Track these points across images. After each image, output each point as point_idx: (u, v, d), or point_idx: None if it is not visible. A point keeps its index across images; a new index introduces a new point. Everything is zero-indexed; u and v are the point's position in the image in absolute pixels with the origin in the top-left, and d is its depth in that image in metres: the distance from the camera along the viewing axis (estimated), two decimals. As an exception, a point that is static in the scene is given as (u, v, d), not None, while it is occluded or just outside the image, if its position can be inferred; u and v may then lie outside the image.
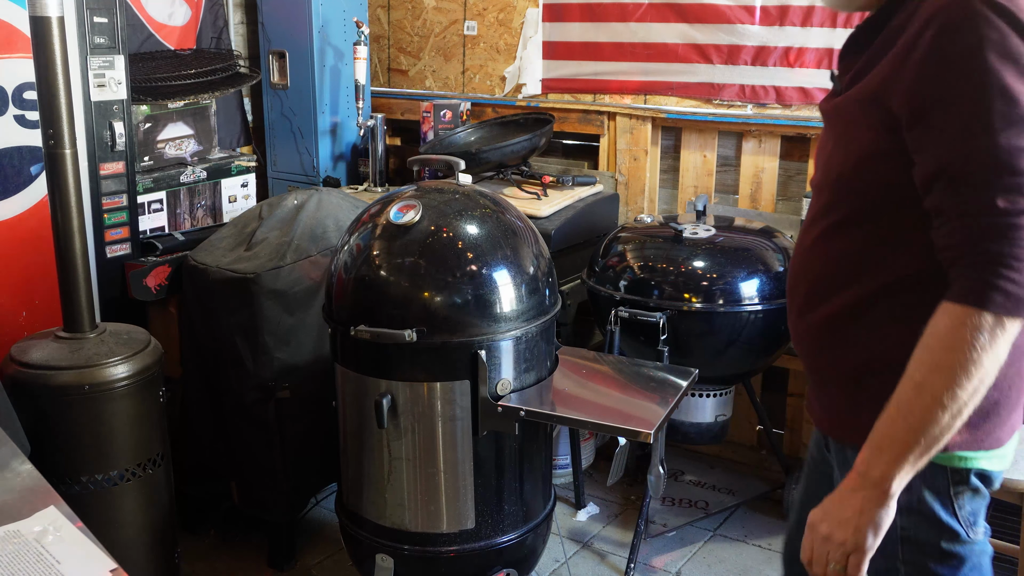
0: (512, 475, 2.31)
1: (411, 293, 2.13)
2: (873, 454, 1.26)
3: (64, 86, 2.19)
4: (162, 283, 2.85)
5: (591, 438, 3.45)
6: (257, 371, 2.68)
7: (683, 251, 2.82)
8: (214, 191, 3.37)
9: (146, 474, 2.34)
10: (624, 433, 2.15)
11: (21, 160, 2.72)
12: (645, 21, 3.51)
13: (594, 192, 3.41)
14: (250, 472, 2.82)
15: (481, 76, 4.00)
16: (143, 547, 2.38)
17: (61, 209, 2.24)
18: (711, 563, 2.94)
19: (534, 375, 2.28)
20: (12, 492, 1.47)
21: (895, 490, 1.25)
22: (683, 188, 3.57)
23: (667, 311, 2.73)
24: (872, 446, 1.26)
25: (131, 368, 2.27)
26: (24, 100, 2.69)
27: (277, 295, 2.64)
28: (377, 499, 2.30)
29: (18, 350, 2.28)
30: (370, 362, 2.22)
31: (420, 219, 2.16)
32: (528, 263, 2.24)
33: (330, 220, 2.82)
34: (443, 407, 2.19)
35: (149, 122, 3.15)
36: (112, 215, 2.84)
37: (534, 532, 2.38)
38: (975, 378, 1.18)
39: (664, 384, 2.34)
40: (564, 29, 3.73)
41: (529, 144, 3.36)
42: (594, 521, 3.18)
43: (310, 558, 2.94)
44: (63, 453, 2.22)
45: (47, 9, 2.13)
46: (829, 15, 3.19)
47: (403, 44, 4.21)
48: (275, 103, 4.00)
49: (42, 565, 1.27)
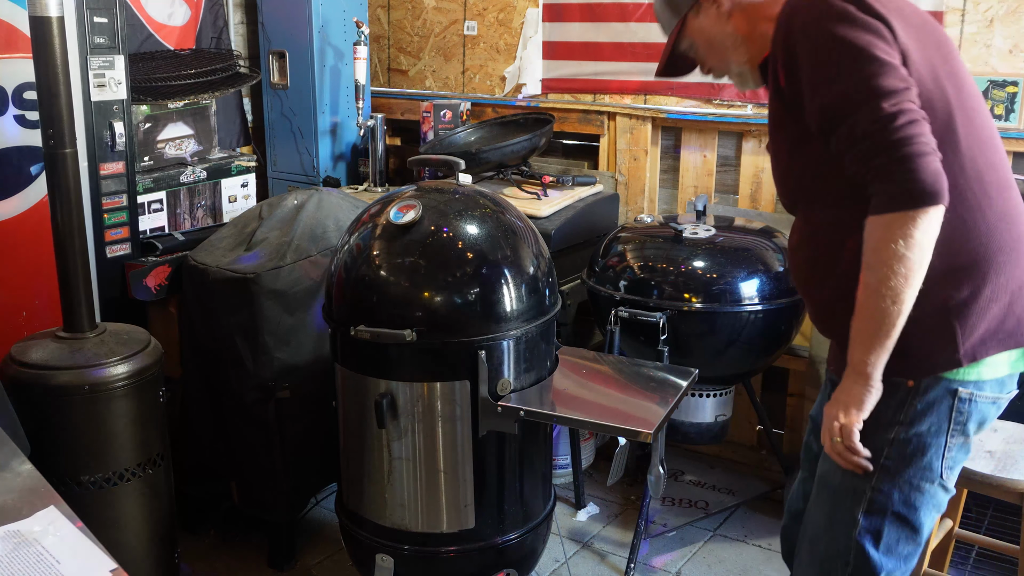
0: (512, 475, 2.31)
1: (411, 293, 2.13)
2: (853, 349, 1.57)
3: (64, 86, 2.19)
4: (162, 283, 2.85)
5: (591, 438, 3.45)
6: (257, 371, 2.67)
7: (683, 251, 2.82)
8: (214, 191, 3.37)
9: (146, 474, 2.33)
10: (624, 433, 2.15)
11: (21, 160, 2.72)
12: (645, 21, 3.51)
13: (594, 192, 3.41)
14: (250, 472, 2.82)
15: (481, 76, 4.00)
16: (143, 547, 2.38)
17: (61, 209, 2.24)
18: (711, 563, 2.94)
19: (534, 375, 2.28)
20: (12, 492, 1.47)
21: (873, 373, 1.56)
22: (683, 188, 3.57)
23: (667, 311, 2.73)
24: (852, 344, 1.57)
25: (131, 368, 2.27)
26: (24, 100, 2.69)
27: (277, 295, 2.64)
28: (377, 499, 2.30)
29: (18, 350, 2.28)
30: (370, 362, 2.21)
31: (420, 219, 2.16)
32: (528, 263, 2.24)
33: (330, 220, 2.82)
34: (443, 407, 2.19)
35: (149, 122, 3.15)
36: (112, 215, 2.84)
37: (534, 532, 2.38)
38: (904, 269, 1.46)
39: (664, 384, 2.34)
40: (564, 29, 3.73)
41: (529, 144, 3.36)
42: (594, 521, 3.18)
43: (310, 558, 2.94)
44: (63, 453, 2.21)
45: (47, 9, 2.13)
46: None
47: (403, 44, 4.21)
48: (275, 103, 4.00)
49: (42, 565, 1.27)
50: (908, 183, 1.43)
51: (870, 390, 1.58)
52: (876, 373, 1.56)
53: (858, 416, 1.59)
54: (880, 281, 1.48)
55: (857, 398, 1.59)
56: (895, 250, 1.45)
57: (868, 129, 1.45)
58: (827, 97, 1.50)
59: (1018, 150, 2.91)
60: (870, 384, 1.57)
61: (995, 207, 1.59)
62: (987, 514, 2.78)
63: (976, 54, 2.96)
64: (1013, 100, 2.89)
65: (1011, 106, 2.90)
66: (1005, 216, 1.60)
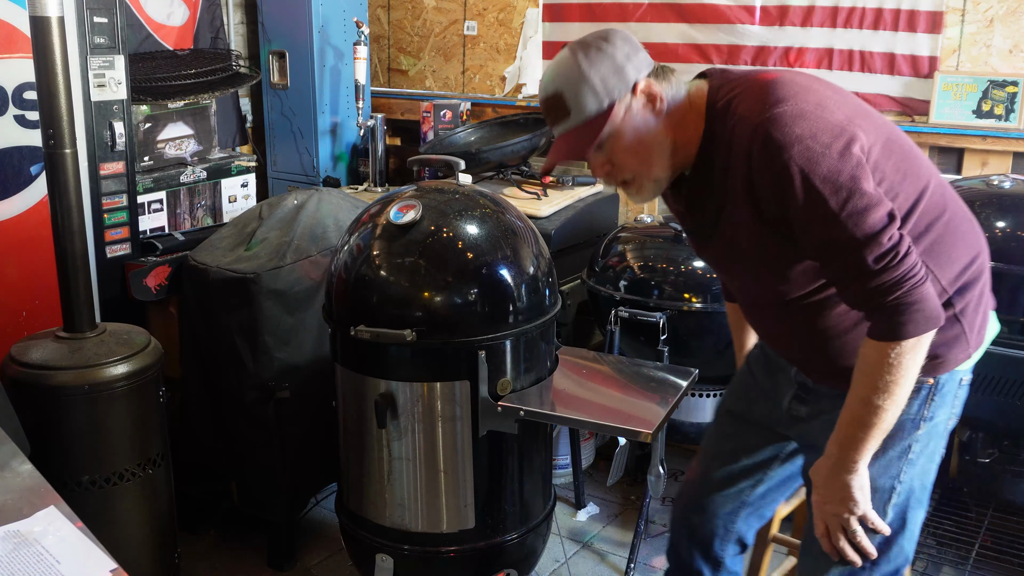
0: (512, 475, 2.31)
1: (411, 293, 2.13)
2: (843, 447, 1.59)
3: (64, 86, 2.19)
4: (162, 283, 2.84)
5: (591, 438, 3.45)
6: (257, 371, 2.67)
7: (683, 251, 2.82)
8: (214, 191, 3.37)
9: (146, 474, 2.33)
10: (624, 433, 2.15)
11: (21, 160, 2.72)
12: (645, 21, 3.51)
13: (594, 192, 3.41)
14: (250, 472, 2.82)
15: (481, 76, 4.00)
16: (143, 547, 2.38)
17: (61, 209, 2.24)
18: (711, 563, 2.94)
19: (534, 375, 2.28)
20: (12, 492, 1.47)
21: (864, 467, 1.60)
22: (683, 188, 3.57)
23: (667, 311, 2.73)
24: (843, 443, 1.59)
25: (131, 368, 2.27)
26: (24, 100, 2.69)
27: (277, 295, 2.64)
28: (377, 499, 2.30)
29: (18, 350, 2.28)
30: (370, 362, 2.21)
31: (420, 219, 2.15)
32: (528, 263, 2.24)
33: (330, 220, 2.82)
34: (443, 407, 2.19)
35: (149, 122, 3.15)
36: (112, 215, 2.84)
37: (534, 532, 2.38)
38: (906, 384, 1.52)
39: (664, 384, 2.34)
40: (564, 29, 3.73)
41: (529, 144, 3.36)
42: (594, 521, 3.18)
43: (310, 558, 2.94)
44: (63, 453, 2.21)
45: (47, 9, 2.13)
46: (829, 15, 3.19)
47: (403, 44, 4.21)
48: (275, 103, 4.00)
49: (42, 565, 1.27)
50: (914, 314, 1.47)
51: (862, 481, 1.62)
52: (866, 464, 1.61)
53: (865, 499, 1.62)
54: (883, 399, 1.52)
55: (855, 490, 1.62)
56: (898, 372, 1.50)
57: (869, 269, 1.47)
58: (823, 234, 1.49)
59: (1018, 150, 2.91)
60: (860, 474, 1.61)
61: (967, 214, 1.69)
62: (987, 514, 2.78)
63: (976, 54, 2.96)
64: (1013, 100, 2.90)
65: (1011, 106, 2.90)
66: (967, 214, 1.69)
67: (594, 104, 1.58)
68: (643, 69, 1.60)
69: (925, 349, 1.51)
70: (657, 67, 1.64)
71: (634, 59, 1.60)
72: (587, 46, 1.59)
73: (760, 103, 1.50)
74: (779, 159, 1.46)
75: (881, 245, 1.46)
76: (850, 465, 1.59)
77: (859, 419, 1.56)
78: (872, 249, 1.46)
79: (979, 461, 2.65)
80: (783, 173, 1.46)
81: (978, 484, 2.70)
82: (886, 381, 1.51)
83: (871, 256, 1.46)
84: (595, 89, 1.57)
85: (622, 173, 1.66)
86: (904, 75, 3.11)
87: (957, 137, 2.98)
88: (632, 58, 1.59)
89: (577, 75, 1.58)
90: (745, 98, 1.54)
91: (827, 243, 1.49)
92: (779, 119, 1.47)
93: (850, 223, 1.45)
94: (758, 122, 1.48)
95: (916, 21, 3.05)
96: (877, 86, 3.15)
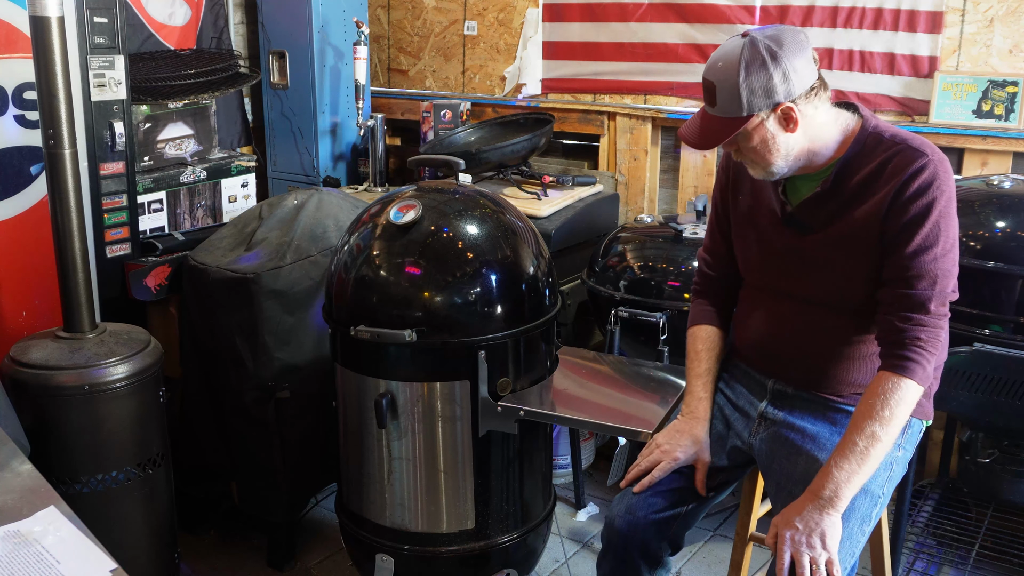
0: (512, 475, 2.31)
1: (411, 293, 2.13)
2: (835, 484, 1.69)
3: (64, 86, 2.19)
4: (162, 283, 2.84)
5: (591, 438, 3.45)
6: (257, 371, 2.67)
7: (683, 251, 2.82)
8: (214, 191, 3.37)
9: (146, 474, 2.34)
10: (624, 433, 2.15)
11: (21, 160, 2.72)
12: (645, 21, 3.51)
13: (594, 192, 3.41)
14: (250, 472, 2.82)
15: (481, 76, 4.00)
16: (143, 547, 2.38)
17: (61, 209, 2.24)
18: (711, 563, 2.94)
19: (534, 375, 2.28)
20: (12, 492, 1.47)
21: (844, 505, 1.69)
22: (683, 188, 3.57)
23: (667, 311, 2.73)
24: (835, 480, 1.69)
25: (131, 368, 2.27)
26: (24, 100, 2.69)
27: (277, 295, 2.64)
28: (377, 499, 2.30)
29: (18, 350, 2.28)
30: (370, 362, 2.22)
31: (420, 219, 2.16)
32: (528, 263, 2.24)
33: (330, 220, 2.82)
34: (443, 407, 2.19)
35: (149, 122, 3.15)
36: (112, 215, 2.84)
37: (534, 532, 2.38)
38: (895, 423, 1.69)
39: (664, 384, 2.34)
40: (564, 29, 3.73)
41: (529, 144, 3.36)
42: (594, 521, 3.18)
43: (310, 558, 2.94)
44: (63, 453, 2.22)
45: (47, 9, 2.13)
46: (829, 15, 3.19)
47: (403, 44, 4.21)
48: (275, 103, 4.00)
49: (42, 565, 1.27)
50: (927, 365, 1.71)
51: (837, 521, 1.69)
52: (845, 504, 1.71)
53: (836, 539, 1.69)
54: (889, 435, 1.69)
55: (830, 530, 1.68)
56: (904, 410, 1.70)
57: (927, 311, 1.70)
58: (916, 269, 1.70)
59: (1018, 150, 2.91)
60: (838, 514, 1.70)
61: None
62: (987, 514, 2.78)
63: (976, 54, 2.96)
64: (1013, 100, 2.89)
65: (1011, 106, 2.90)
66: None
67: (736, 110, 1.72)
68: (796, 89, 1.71)
69: (917, 400, 1.73)
70: (814, 84, 1.74)
71: (792, 78, 1.70)
72: (756, 52, 1.69)
73: (929, 147, 1.73)
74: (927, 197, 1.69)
75: (944, 304, 1.72)
76: (836, 502, 1.69)
77: (864, 456, 1.69)
78: (937, 302, 1.71)
79: (979, 461, 2.65)
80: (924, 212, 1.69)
81: (978, 484, 2.70)
82: (898, 419, 1.69)
83: (933, 304, 1.70)
84: (741, 99, 1.70)
85: (742, 157, 1.82)
86: (904, 75, 3.11)
87: (957, 137, 2.98)
88: (790, 77, 1.69)
89: (733, 80, 1.70)
90: (912, 138, 1.76)
91: (910, 277, 1.70)
92: (945, 165, 1.72)
93: (939, 274, 1.70)
94: (927, 160, 1.70)
95: (916, 21, 3.05)
96: (877, 86, 3.15)
